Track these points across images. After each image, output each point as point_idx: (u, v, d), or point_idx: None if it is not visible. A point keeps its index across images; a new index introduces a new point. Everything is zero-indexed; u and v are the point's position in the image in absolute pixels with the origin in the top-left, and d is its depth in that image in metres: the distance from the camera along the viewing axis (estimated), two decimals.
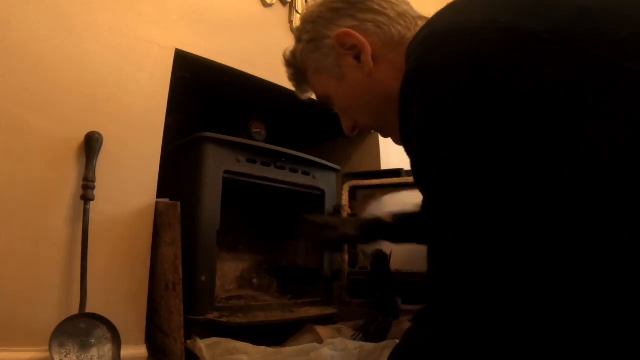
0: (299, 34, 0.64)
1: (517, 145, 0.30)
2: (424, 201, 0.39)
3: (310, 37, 0.61)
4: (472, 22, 0.35)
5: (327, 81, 0.61)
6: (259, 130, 1.38)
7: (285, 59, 0.68)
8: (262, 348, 0.92)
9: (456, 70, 0.33)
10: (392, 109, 0.51)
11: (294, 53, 0.65)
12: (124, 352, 0.85)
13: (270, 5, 1.36)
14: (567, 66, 0.29)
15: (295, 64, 0.66)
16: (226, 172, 1.09)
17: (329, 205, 1.36)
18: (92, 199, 0.87)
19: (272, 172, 1.20)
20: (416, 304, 1.15)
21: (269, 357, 0.86)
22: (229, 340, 0.92)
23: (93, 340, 0.82)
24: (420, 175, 0.38)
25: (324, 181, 1.35)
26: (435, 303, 0.36)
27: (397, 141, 0.57)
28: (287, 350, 0.89)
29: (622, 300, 0.26)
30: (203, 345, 0.87)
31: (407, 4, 0.58)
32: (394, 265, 1.21)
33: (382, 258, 0.90)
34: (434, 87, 0.35)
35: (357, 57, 0.55)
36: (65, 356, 0.78)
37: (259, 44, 1.30)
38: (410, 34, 0.52)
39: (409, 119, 0.39)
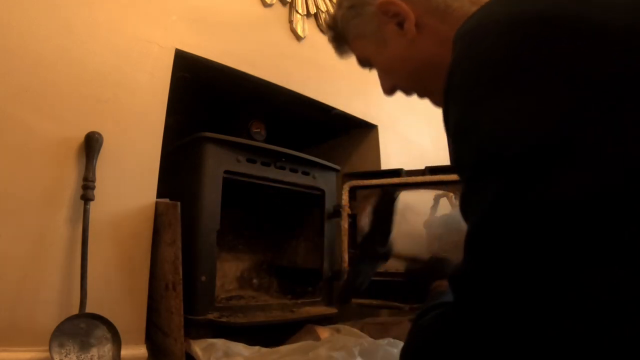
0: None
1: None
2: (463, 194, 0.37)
3: (351, 3, 0.60)
4: (531, 11, 0.33)
5: (367, 46, 0.60)
6: (259, 130, 1.38)
7: (325, 23, 0.67)
8: (257, 348, 0.92)
9: (513, 49, 0.32)
10: (433, 75, 0.51)
11: (334, 17, 0.64)
12: (124, 352, 0.85)
13: (270, 5, 1.36)
14: (627, 63, 0.28)
15: (335, 27, 0.65)
16: (226, 172, 1.09)
17: (329, 205, 1.36)
18: (92, 199, 0.87)
19: (272, 172, 1.20)
20: (415, 302, 1.15)
21: (266, 357, 0.86)
22: (224, 341, 0.91)
23: (93, 340, 0.82)
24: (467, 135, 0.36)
25: (324, 181, 1.35)
26: (456, 299, 0.35)
27: (436, 102, 0.57)
28: (284, 349, 0.89)
29: (622, 300, 0.25)
30: (198, 348, 0.87)
31: None
32: (394, 265, 1.21)
33: (389, 198, 0.86)
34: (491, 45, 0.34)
35: (400, 24, 0.54)
36: (65, 356, 0.78)
37: (259, 44, 1.30)
38: (457, 4, 0.51)
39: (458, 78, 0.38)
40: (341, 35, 0.64)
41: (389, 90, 0.63)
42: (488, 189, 0.31)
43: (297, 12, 1.45)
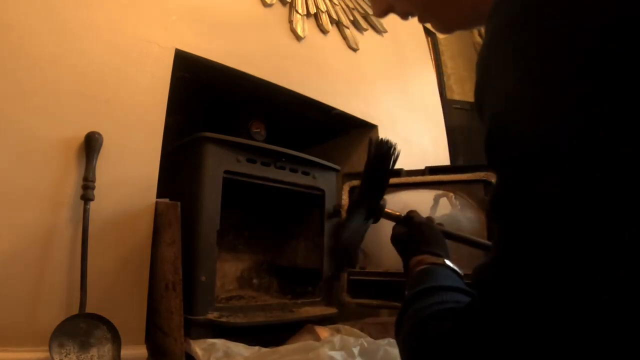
0: None
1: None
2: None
3: None
4: None
5: None
6: (259, 130, 1.38)
7: None
8: (257, 348, 0.92)
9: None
10: None
11: None
12: (124, 352, 0.85)
13: (270, 5, 1.37)
14: None
15: None
16: (226, 172, 1.09)
17: (329, 205, 1.36)
18: (92, 199, 0.87)
19: (272, 172, 1.20)
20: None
21: (266, 357, 0.86)
22: (224, 341, 0.91)
23: (93, 340, 0.82)
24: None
25: (324, 181, 1.35)
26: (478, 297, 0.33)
27: (440, 29, 0.51)
28: (284, 349, 0.89)
29: (622, 300, 0.25)
30: (198, 348, 0.87)
31: None
32: (394, 265, 1.22)
33: (384, 151, 0.72)
34: None
35: None
36: (65, 356, 0.78)
37: (259, 44, 1.30)
38: None
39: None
40: None
41: (382, 11, 0.55)
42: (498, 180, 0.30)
43: (297, 12, 1.45)
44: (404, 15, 0.54)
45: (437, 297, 0.42)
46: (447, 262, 0.54)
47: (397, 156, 0.72)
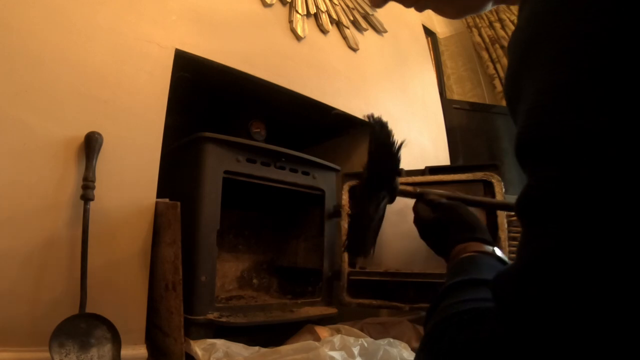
0: None
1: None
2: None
3: None
4: None
5: None
6: (259, 130, 1.38)
7: None
8: (257, 348, 0.92)
9: None
10: None
11: None
12: (124, 352, 0.85)
13: (270, 5, 1.37)
14: None
15: None
16: (226, 172, 1.09)
17: (329, 205, 1.36)
18: (92, 199, 0.87)
19: (272, 172, 1.20)
20: (415, 302, 1.15)
21: (266, 357, 0.86)
22: (224, 341, 0.91)
23: (93, 340, 0.82)
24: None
25: (324, 181, 1.35)
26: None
27: (443, 12, 0.47)
28: (284, 349, 0.89)
29: None
30: (198, 348, 0.87)
31: None
32: (394, 265, 1.22)
33: (381, 128, 0.66)
34: None
35: None
36: (65, 356, 0.78)
37: (259, 44, 1.30)
38: None
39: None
40: None
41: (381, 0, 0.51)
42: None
43: (297, 12, 1.45)
44: (407, 3, 0.48)
45: (473, 293, 0.36)
46: (497, 250, 0.47)
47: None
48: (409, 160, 1.67)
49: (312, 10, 1.51)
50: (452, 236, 0.52)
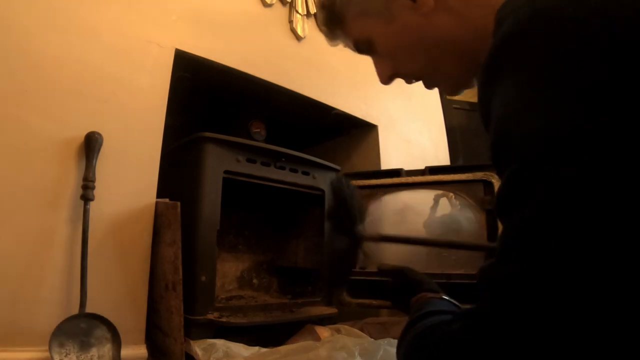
0: None
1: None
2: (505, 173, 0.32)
3: None
4: None
5: (371, 25, 0.54)
6: (259, 130, 1.38)
7: (319, 1, 0.60)
8: (257, 348, 0.92)
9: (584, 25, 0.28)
10: (447, 56, 0.48)
11: None
12: (124, 352, 0.85)
13: (270, 5, 1.36)
14: None
15: (331, 6, 0.57)
16: (226, 172, 1.09)
17: (329, 205, 1.35)
18: (92, 199, 0.87)
19: (272, 172, 1.20)
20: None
21: (266, 357, 0.86)
22: (224, 341, 0.91)
23: (93, 340, 0.82)
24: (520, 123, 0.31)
25: (324, 181, 1.35)
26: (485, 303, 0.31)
27: (448, 91, 0.53)
28: (284, 349, 0.89)
29: None
30: (198, 348, 0.87)
31: None
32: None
33: (338, 185, 0.83)
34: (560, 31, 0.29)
35: None
36: (65, 356, 0.78)
37: (259, 44, 1.30)
38: None
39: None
40: (336, 16, 0.57)
41: (388, 77, 0.56)
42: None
43: (297, 12, 1.45)
44: (409, 79, 0.55)
45: (440, 317, 0.42)
46: (445, 296, 0.57)
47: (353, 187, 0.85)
48: (409, 160, 1.67)
49: (312, 10, 1.51)
50: (408, 292, 0.62)
